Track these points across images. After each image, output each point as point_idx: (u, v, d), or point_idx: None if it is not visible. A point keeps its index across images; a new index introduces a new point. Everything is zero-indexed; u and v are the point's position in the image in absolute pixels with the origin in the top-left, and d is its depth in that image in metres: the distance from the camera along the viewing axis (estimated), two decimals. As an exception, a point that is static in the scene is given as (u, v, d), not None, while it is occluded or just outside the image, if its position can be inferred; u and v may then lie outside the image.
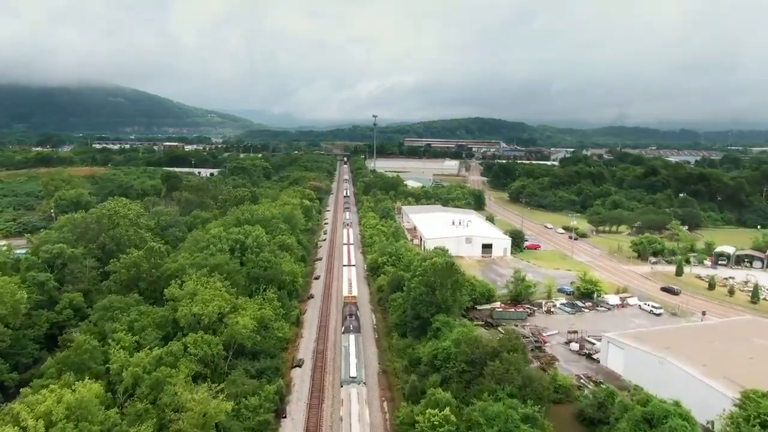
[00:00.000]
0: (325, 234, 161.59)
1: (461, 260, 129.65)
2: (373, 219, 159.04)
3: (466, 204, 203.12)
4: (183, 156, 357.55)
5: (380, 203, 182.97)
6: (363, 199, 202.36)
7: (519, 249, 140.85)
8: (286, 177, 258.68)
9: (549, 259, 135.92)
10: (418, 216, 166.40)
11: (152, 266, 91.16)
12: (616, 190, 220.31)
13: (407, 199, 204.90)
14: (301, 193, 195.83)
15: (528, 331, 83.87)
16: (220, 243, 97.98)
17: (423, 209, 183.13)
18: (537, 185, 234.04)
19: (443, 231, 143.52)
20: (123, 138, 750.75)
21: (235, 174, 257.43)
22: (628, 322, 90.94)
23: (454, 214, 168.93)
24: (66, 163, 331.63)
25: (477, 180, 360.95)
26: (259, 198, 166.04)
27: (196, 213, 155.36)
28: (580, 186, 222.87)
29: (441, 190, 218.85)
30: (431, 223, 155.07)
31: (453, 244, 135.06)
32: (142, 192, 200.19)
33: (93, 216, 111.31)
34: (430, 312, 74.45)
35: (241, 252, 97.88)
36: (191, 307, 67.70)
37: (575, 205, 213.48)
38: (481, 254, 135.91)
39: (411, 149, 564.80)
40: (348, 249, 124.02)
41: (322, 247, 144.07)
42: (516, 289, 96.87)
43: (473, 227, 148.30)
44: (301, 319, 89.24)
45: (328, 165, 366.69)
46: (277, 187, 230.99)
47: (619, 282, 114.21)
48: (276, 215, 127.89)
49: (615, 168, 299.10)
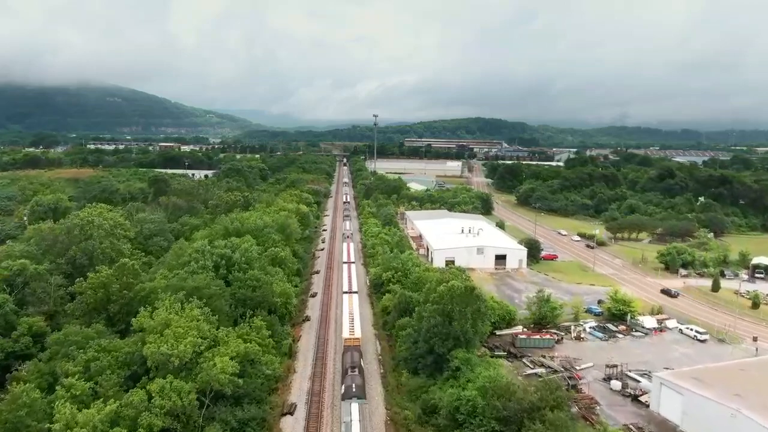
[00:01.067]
0: (324, 242, 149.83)
1: (472, 273, 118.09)
2: (375, 226, 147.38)
3: (473, 208, 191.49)
4: (177, 157, 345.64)
5: (382, 208, 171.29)
6: (364, 204, 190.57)
7: (535, 260, 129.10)
8: (283, 179, 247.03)
9: (568, 271, 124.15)
10: (424, 223, 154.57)
11: (124, 286, 79.45)
12: (631, 194, 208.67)
13: (411, 204, 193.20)
14: (298, 197, 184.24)
15: (558, 364, 72.18)
16: (203, 258, 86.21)
17: (428, 215, 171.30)
18: (547, 188, 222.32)
19: (452, 240, 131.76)
20: (119, 138, 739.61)
21: (229, 176, 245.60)
22: (670, 350, 79.34)
23: (462, 221, 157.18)
24: (55, 165, 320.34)
25: (481, 181, 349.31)
26: (252, 203, 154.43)
27: (184, 219, 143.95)
28: (593, 189, 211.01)
29: (446, 194, 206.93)
30: (438, 230, 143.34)
31: (463, 254, 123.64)
32: (129, 196, 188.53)
33: (63, 226, 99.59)
34: (447, 346, 62.78)
35: (227, 268, 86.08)
36: (159, 345, 55.95)
37: (588, 210, 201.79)
38: (495, 266, 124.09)
39: (412, 150, 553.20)
40: (348, 270, 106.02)
41: (320, 258, 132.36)
42: (540, 311, 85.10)
43: (485, 236, 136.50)
44: (294, 348, 77.46)
45: (327, 166, 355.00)
46: (274, 190, 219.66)
47: (648, 299, 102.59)
48: (269, 224, 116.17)
49: (626, 169, 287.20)
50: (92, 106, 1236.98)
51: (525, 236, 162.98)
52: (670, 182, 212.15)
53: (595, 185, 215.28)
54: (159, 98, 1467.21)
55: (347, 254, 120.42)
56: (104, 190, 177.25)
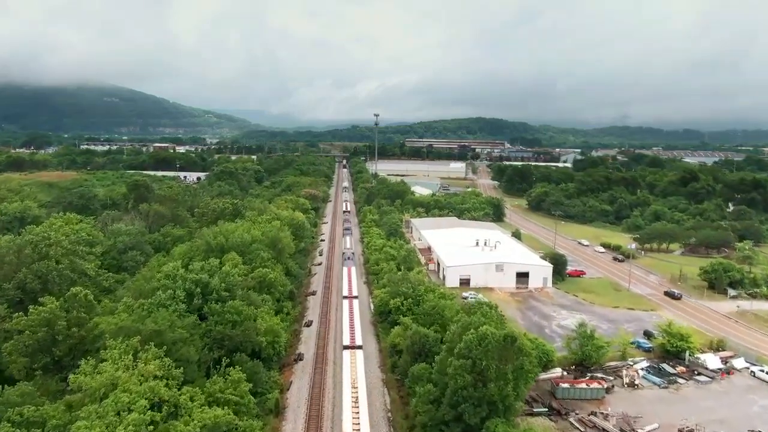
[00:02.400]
0: (321, 255, 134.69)
1: (491, 293, 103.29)
2: (378, 237, 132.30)
3: (484, 215, 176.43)
4: (169, 159, 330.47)
5: (386, 216, 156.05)
6: (365, 210, 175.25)
7: (560, 277, 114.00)
8: (279, 183, 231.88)
9: (600, 291, 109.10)
10: (433, 233, 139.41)
11: (74, 322, 64.88)
12: (654, 199, 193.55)
13: (416, 210, 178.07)
14: (294, 202, 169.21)
15: (615, 425, 57.19)
16: (173, 286, 71.15)
17: (436, 223, 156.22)
18: (561, 192, 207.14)
19: (466, 255, 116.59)
20: (113, 139, 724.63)
21: (221, 179, 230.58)
22: (747, 402, 64.40)
23: (474, 231, 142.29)
24: (40, 167, 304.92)
25: (487, 184, 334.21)
26: (242, 211, 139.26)
27: (166, 230, 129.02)
28: (612, 193, 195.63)
29: (455, 199, 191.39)
30: (449, 242, 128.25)
31: (480, 272, 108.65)
32: (110, 202, 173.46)
33: (12, 244, 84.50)
34: (480, 414, 47.83)
35: (202, 297, 71.00)
36: (92, 428, 40.83)
37: (608, 216, 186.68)
38: (516, 285, 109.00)
39: (413, 150, 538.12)
40: (350, 308, 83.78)
41: (317, 274, 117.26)
42: (582, 350, 70.07)
43: (503, 249, 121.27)
44: (283, 402, 62.38)
45: (326, 168, 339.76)
46: (268, 195, 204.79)
47: (702, 327, 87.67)
48: (258, 238, 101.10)
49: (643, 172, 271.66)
50: (89, 106, 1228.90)
51: (543, 246, 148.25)
52: (695, 186, 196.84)
53: (614, 189, 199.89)
54: (157, 98, 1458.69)
55: (348, 285, 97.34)
56: (81, 197, 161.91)
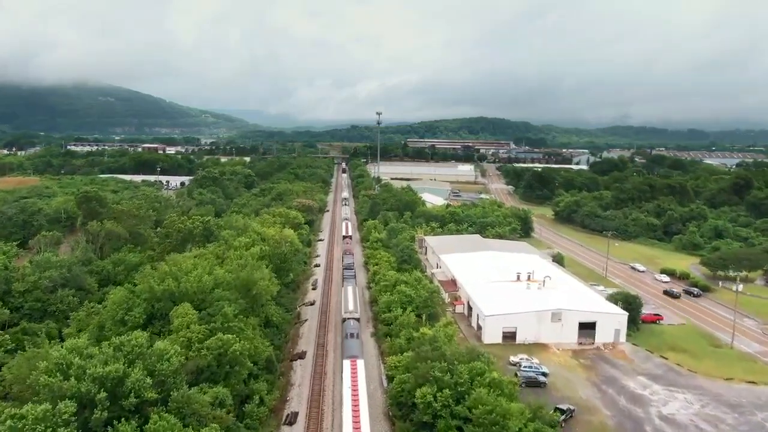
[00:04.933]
0: (314, 288, 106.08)
1: (545, 353, 74.96)
2: (388, 266, 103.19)
3: (511, 231, 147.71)
4: (151, 161, 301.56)
5: (395, 234, 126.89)
6: (369, 226, 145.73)
7: (634, 326, 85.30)
8: (269, 189, 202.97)
9: (693, 348, 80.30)
10: (455, 259, 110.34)
11: None
12: (710, 210, 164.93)
13: (429, 226, 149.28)
14: (285, 216, 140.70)
15: None
16: (62, 387, 42.60)
17: (457, 243, 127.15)
18: (596, 202, 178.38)
19: (507, 295, 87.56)
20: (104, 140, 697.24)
21: (203, 186, 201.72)
22: None
23: (507, 255, 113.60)
24: (7, 170, 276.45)
25: (500, 189, 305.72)
26: (216, 232, 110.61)
27: (118, 256, 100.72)
28: (659, 204, 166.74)
29: (474, 211, 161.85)
30: (479, 273, 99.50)
31: (530, 323, 79.90)
32: (63, 216, 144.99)
33: None
34: None
35: (109, 408, 42.43)
36: None
37: (655, 231, 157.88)
38: (578, 340, 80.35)
39: (416, 151, 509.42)
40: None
41: (308, 320, 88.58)
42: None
43: (555, 286, 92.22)
44: None
45: (324, 171, 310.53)
46: (256, 204, 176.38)
47: None
48: (225, 280, 72.34)
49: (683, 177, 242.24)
50: (84, 106, 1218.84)
51: (589, 274, 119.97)
52: (759, 195, 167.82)
53: (659, 199, 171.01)
54: (153, 98, 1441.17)
55: (351, 378, 56.28)
56: (23, 211, 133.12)
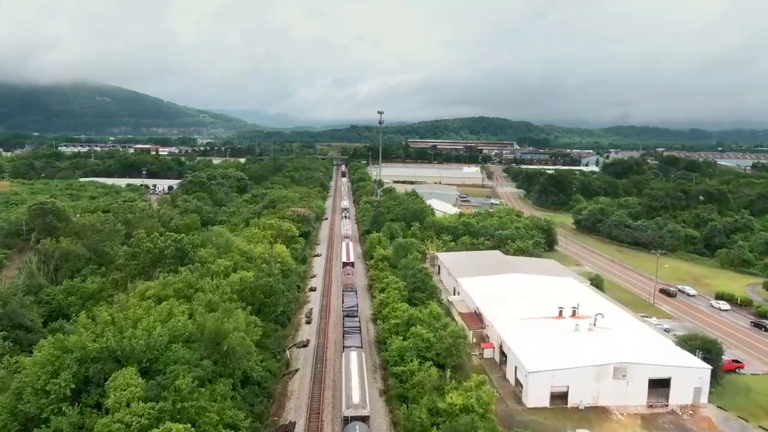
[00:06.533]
0: (309, 320, 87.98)
1: (605, 419, 57.04)
2: (397, 295, 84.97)
3: (534, 245, 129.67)
4: (138, 163, 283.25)
5: (404, 252, 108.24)
6: (372, 240, 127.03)
7: (714, 379, 67.19)
8: (262, 195, 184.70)
9: (795, 411, 62.62)
10: (477, 284, 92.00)
11: None
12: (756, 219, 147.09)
13: (441, 238, 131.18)
14: (276, 229, 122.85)
15: None
16: None
17: (475, 261, 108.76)
18: (623, 210, 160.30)
19: (554, 341, 69.11)
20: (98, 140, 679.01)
21: (189, 191, 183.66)
22: None
23: (537, 278, 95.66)
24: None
25: (509, 193, 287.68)
26: (192, 254, 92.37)
27: (71, 284, 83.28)
28: (698, 213, 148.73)
29: (491, 222, 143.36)
30: (512, 307, 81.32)
31: (588, 380, 61.67)
32: (24, 230, 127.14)
33: None
34: None
35: None
36: None
37: (695, 244, 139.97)
38: (647, 401, 62.25)
39: (417, 152, 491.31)
40: None
41: (299, 369, 70.47)
42: None
43: (609, 326, 73.68)
44: None
45: (322, 174, 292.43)
46: (247, 212, 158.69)
47: None
48: (185, 332, 54.30)
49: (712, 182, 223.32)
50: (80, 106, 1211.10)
51: (632, 300, 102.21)
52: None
53: (698, 208, 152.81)
54: (151, 98, 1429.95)
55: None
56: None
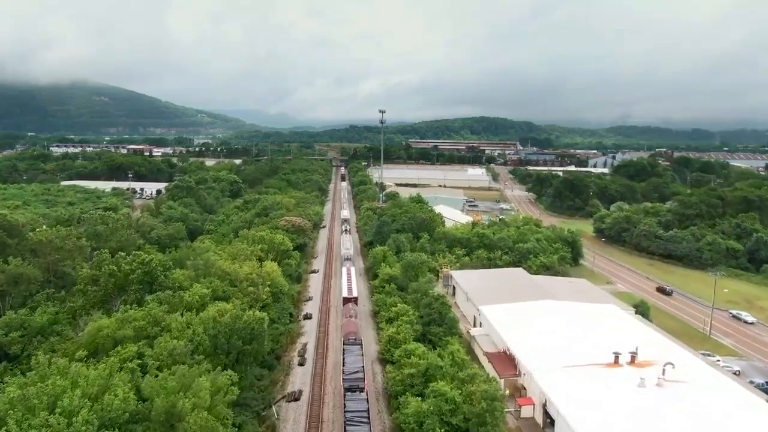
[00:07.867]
0: (302, 360, 72.81)
1: None
2: (408, 329, 69.74)
3: (559, 260, 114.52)
4: (126, 165, 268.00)
5: (414, 273, 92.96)
6: (377, 255, 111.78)
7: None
8: (254, 202, 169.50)
9: None
10: (504, 315, 76.59)
11: None
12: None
13: (453, 253, 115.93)
14: (268, 243, 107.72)
15: None
16: None
17: (496, 281, 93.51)
18: (653, 218, 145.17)
19: (615, 404, 53.47)
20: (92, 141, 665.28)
21: (174, 197, 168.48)
22: None
23: (574, 306, 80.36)
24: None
25: (519, 196, 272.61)
26: (161, 277, 77.09)
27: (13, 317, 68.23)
28: (738, 223, 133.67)
29: (509, 233, 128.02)
30: (552, 349, 66.02)
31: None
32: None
33: None
34: None
35: None
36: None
37: (737, 258, 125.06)
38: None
39: (419, 153, 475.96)
40: None
41: (293, 418, 55.37)
42: None
43: (677, 377, 58.38)
44: None
45: (321, 177, 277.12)
46: (237, 220, 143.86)
47: None
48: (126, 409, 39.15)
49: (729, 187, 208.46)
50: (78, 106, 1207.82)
51: (680, 325, 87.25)
52: None
53: (738, 216, 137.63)
54: (148, 97, 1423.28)
55: None
56: None
